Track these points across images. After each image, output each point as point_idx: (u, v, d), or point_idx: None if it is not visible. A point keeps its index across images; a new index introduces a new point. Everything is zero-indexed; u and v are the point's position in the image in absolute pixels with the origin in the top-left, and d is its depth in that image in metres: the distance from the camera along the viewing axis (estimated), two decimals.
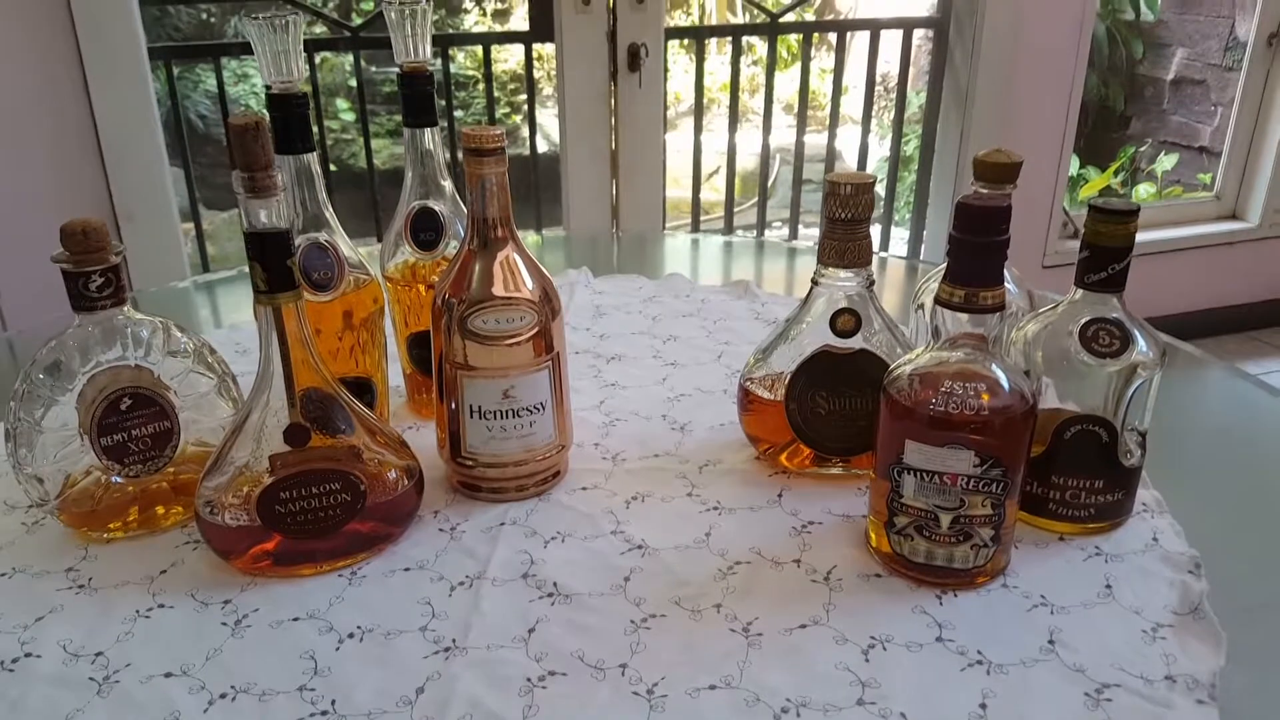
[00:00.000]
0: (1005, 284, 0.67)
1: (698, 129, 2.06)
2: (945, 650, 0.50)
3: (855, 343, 0.63)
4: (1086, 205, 0.56)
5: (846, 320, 0.63)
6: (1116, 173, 2.91)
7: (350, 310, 0.65)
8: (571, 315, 0.94)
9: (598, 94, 1.83)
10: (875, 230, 2.61)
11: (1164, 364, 0.57)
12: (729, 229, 2.26)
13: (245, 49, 2.34)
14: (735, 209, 2.30)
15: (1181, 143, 3.00)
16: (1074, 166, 2.83)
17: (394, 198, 0.71)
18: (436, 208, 0.69)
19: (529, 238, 1.36)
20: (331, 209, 0.64)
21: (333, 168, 3.96)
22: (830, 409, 0.64)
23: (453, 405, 0.62)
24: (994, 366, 0.52)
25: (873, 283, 0.63)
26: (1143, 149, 3.06)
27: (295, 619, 0.54)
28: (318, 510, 0.56)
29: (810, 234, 2.55)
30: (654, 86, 1.87)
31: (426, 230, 0.70)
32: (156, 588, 0.56)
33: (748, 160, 3.20)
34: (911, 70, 2.61)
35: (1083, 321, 0.56)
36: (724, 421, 0.73)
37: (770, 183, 3.64)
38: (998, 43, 2.04)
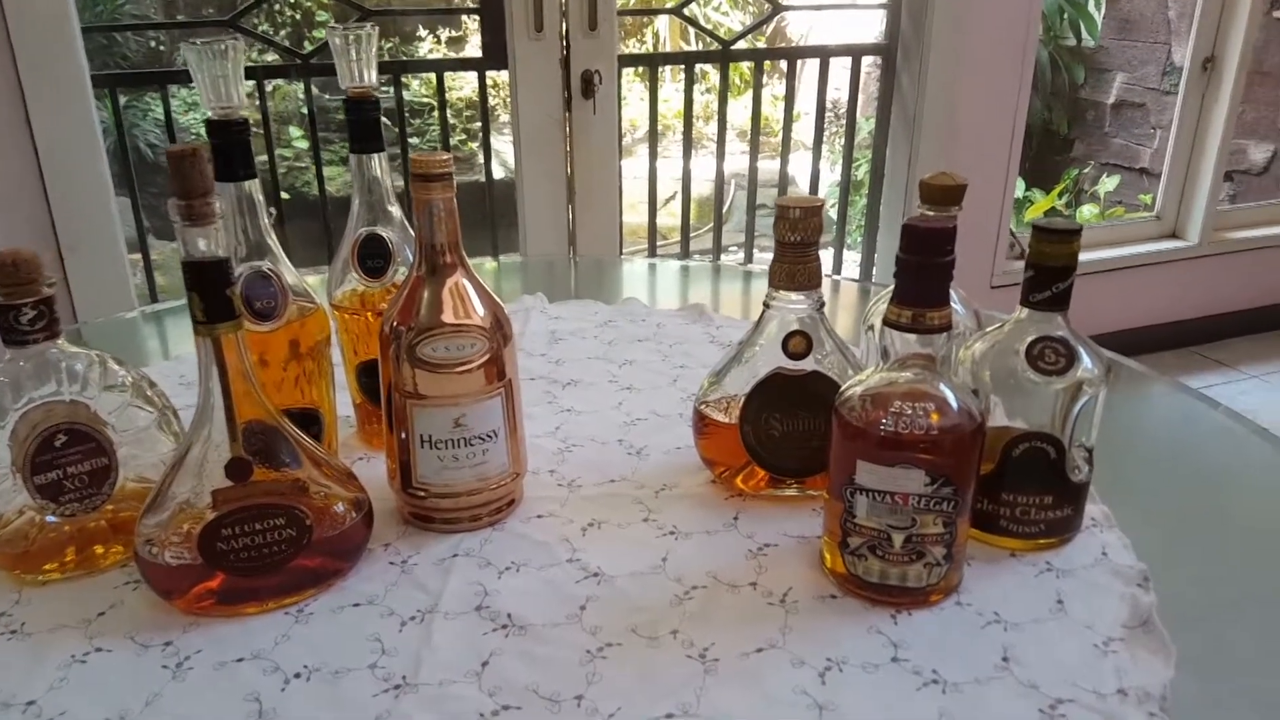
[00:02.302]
0: (952, 304, 0.68)
1: (652, 155, 2.07)
2: (901, 670, 0.50)
3: (807, 364, 0.63)
4: (1030, 226, 0.57)
5: (798, 342, 0.63)
6: (1061, 194, 2.99)
7: (295, 340, 0.64)
8: (527, 341, 0.93)
9: (552, 121, 1.84)
10: (828, 254, 2.64)
11: (1109, 380, 0.58)
12: (685, 254, 2.27)
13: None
14: (692, 234, 2.31)
15: (1123, 164, 3.09)
16: (1020, 189, 2.90)
17: (346, 225, 0.70)
18: (384, 234, 0.69)
19: (486, 264, 1.35)
20: (275, 237, 0.63)
21: (286, 196, 3.92)
22: (784, 430, 0.64)
23: (403, 435, 0.61)
24: (942, 386, 0.53)
25: (823, 304, 0.64)
26: (1086, 171, 3.15)
27: (239, 659, 0.52)
28: (262, 546, 0.54)
29: (766, 258, 2.58)
30: (608, 113, 1.88)
31: (374, 257, 0.69)
32: (94, 630, 0.54)
33: (704, 186, 3.23)
34: (862, 97, 2.66)
35: (1029, 340, 0.57)
36: (680, 445, 0.73)
37: (726, 208, 3.68)
38: (943, 69, 2.09)
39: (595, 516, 0.64)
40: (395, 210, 0.69)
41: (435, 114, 3.91)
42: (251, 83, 1.92)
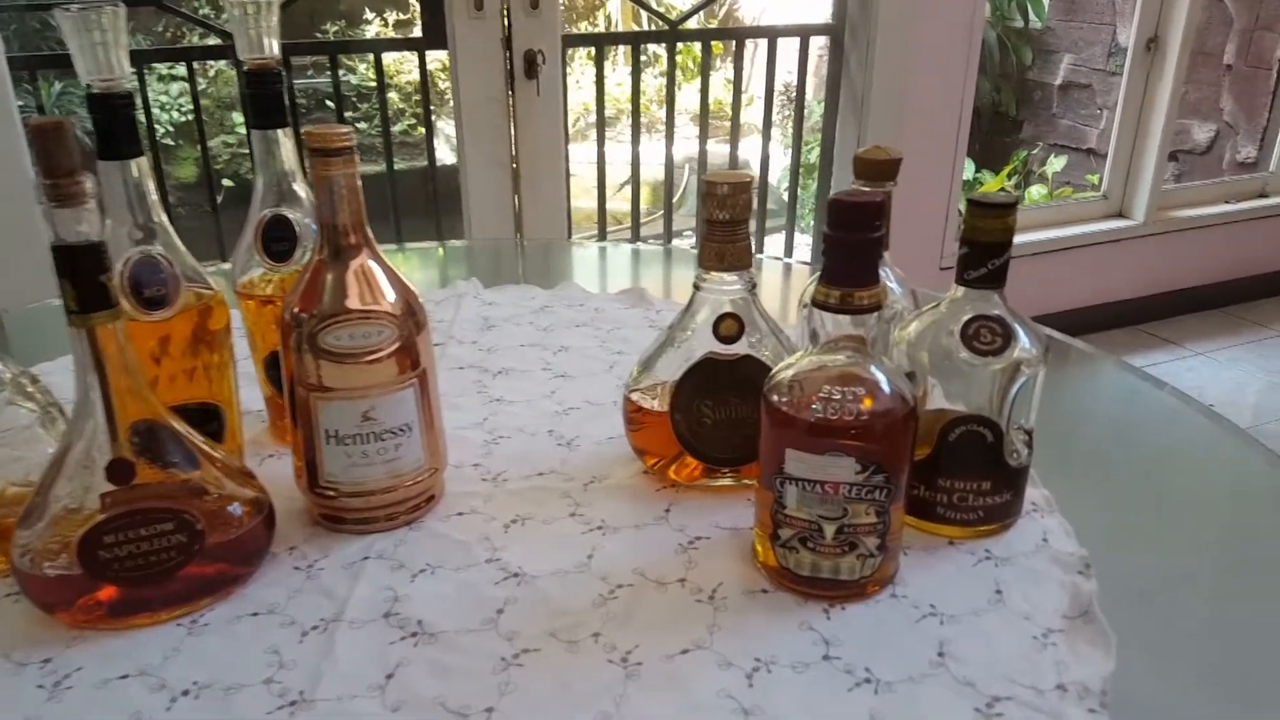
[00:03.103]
0: (889, 284, 0.66)
1: (600, 138, 2.03)
2: (832, 669, 0.47)
3: (739, 348, 0.60)
4: (966, 200, 0.54)
5: (729, 325, 0.60)
6: (1010, 175, 3.00)
7: (191, 330, 0.59)
8: (457, 329, 0.89)
9: (494, 101, 1.79)
10: (779, 237, 2.62)
11: (1047, 360, 0.56)
12: (635, 238, 2.23)
13: (133, 58, 2.22)
14: (646, 219, 2.28)
15: (1070, 145, 3.11)
16: (969, 170, 2.91)
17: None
18: (290, 216, 0.64)
19: (438, 251, 1.30)
20: (166, 219, 0.59)
21: (229, 183, 3.81)
22: (716, 418, 0.61)
23: (307, 431, 0.57)
24: (874, 369, 0.50)
25: (755, 285, 0.61)
26: (1034, 152, 3.17)
27: (124, 676, 0.48)
28: (149, 554, 0.50)
29: None
30: (553, 95, 1.83)
31: (279, 240, 0.64)
32: None
33: (657, 170, 3.20)
34: (815, 80, 2.64)
35: (964, 320, 0.55)
36: (613, 435, 0.70)
37: (680, 193, 3.64)
38: (891, 50, 2.07)
39: (519, 512, 0.61)
40: (302, 190, 0.65)
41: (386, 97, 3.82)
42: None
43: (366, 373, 0.56)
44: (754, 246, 0.60)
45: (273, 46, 0.63)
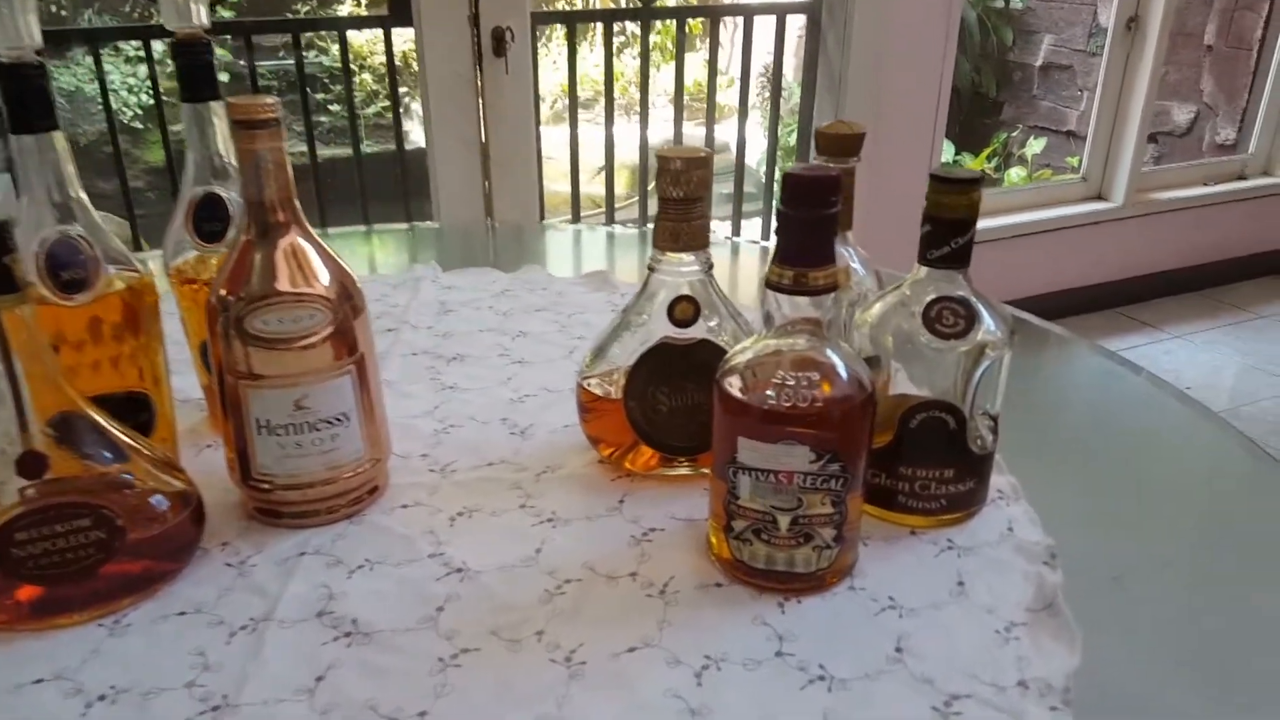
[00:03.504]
0: (852, 264, 0.63)
1: (573, 120, 1.99)
2: (785, 667, 0.45)
3: (696, 332, 0.58)
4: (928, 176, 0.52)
5: (685, 308, 0.58)
6: (990, 158, 2.98)
7: (116, 315, 0.56)
8: (413, 314, 0.86)
9: (462, 80, 1.75)
10: (756, 221, 2.60)
11: (1013, 343, 0.53)
12: (610, 221, 2.20)
13: (91, 36, 2.17)
14: (622, 204, 2.25)
15: (1050, 127, 3.10)
16: (949, 152, 2.89)
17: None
18: (223, 194, 0.61)
19: (405, 234, 1.26)
20: (86, 197, 0.55)
21: None
22: (672, 405, 0.59)
23: (238, 420, 0.54)
24: (830, 353, 0.48)
25: (712, 266, 0.58)
26: (1014, 134, 3.15)
27: (38, 681, 0.45)
28: (65, 551, 0.47)
29: None
30: (523, 73, 1.79)
31: (212, 220, 0.61)
32: None
33: (635, 153, 3.16)
34: (795, 61, 2.60)
35: (926, 301, 0.52)
36: (569, 423, 0.67)
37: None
38: (869, 28, 2.04)
39: (467, 504, 0.58)
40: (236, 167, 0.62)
41: (355, 78, 3.75)
42: (160, 48, 1.79)
43: (298, 359, 0.53)
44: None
45: (201, 14, 0.59)
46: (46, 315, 0.52)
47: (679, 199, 0.55)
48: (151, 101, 3.62)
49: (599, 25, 2.89)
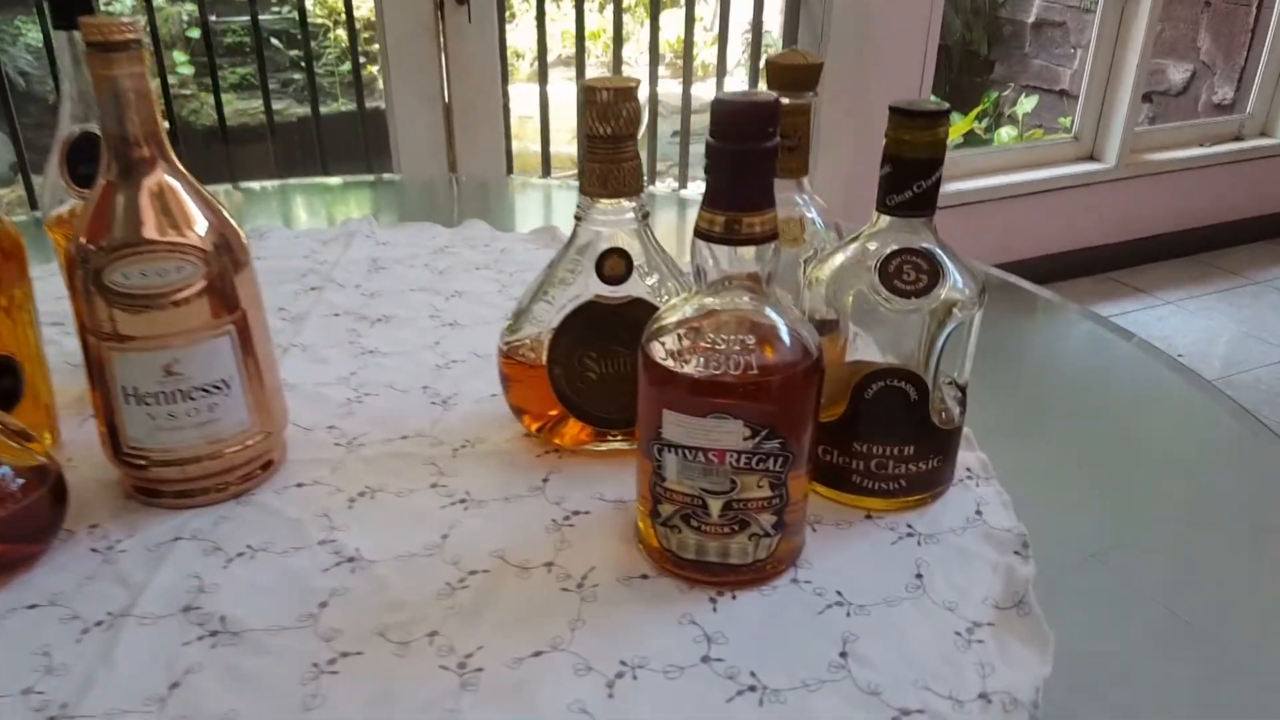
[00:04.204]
0: (807, 214, 0.57)
1: (543, 75, 1.90)
2: (711, 674, 0.39)
3: (628, 290, 0.51)
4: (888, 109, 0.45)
5: (615, 263, 0.51)
6: (979, 117, 2.90)
7: None
8: (340, 272, 0.79)
9: (423, 30, 1.66)
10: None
11: (983, 302, 0.47)
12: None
13: None
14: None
15: (1043, 86, 3.01)
16: None
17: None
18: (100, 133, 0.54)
19: (362, 188, 1.19)
20: None
21: (169, 125, 3.63)
22: (602, 372, 0.52)
23: (104, 388, 0.47)
24: (770, 313, 0.41)
25: (648, 215, 0.51)
26: (1005, 93, 3.07)
27: None
28: None
29: (692, 191, 2.44)
30: (487, 23, 1.70)
31: (87, 162, 0.54)
32: None
33: None
34: (781, 18, 2.50)
35: (884, 254, 0.46)
36: (497, 392, 0.61)
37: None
38: None
39: (371, 483, 0.52)
40: None
41: (332, 35, 3.63)
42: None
43: (167, 318, 0.46)
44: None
45: None
46: None
47: (607, 136, 0.48)
48: None
49: None
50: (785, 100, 0.53)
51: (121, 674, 0.39)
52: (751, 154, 0.38)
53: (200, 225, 0.47)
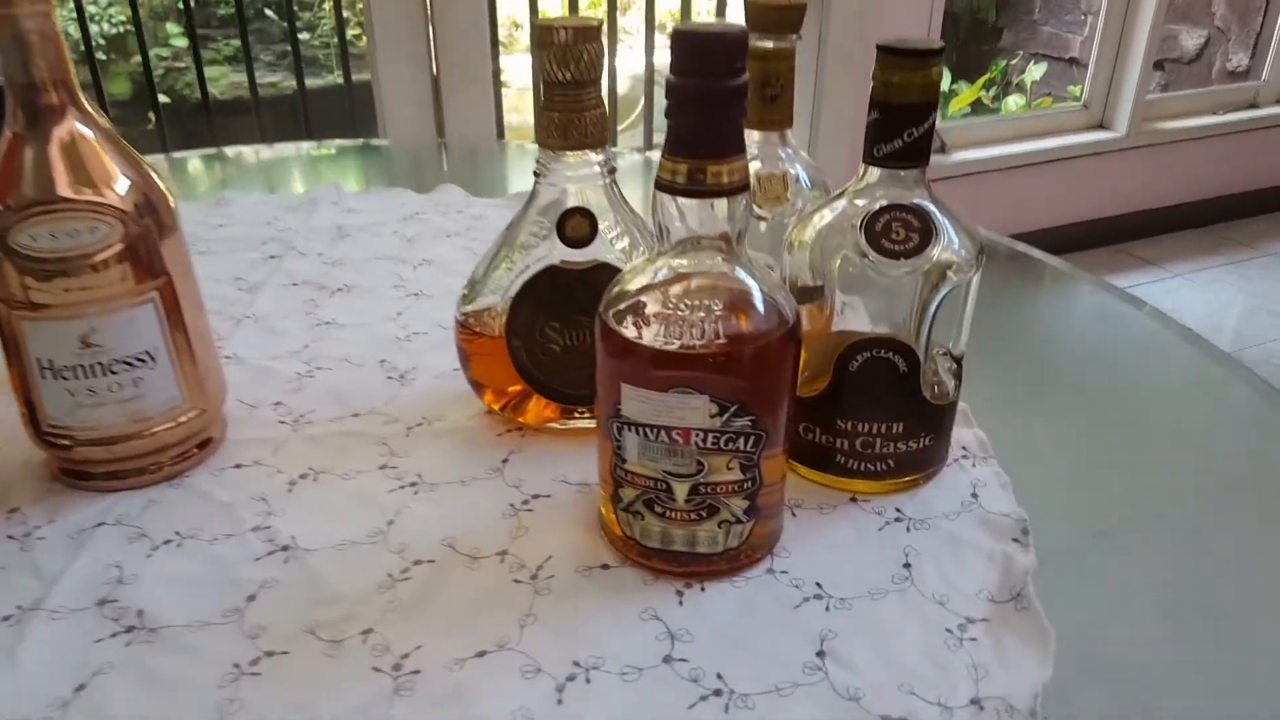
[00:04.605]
0: (791, 169, 0.52)
1: (533, 40, 1.84)
2: (673, 676, 0.35)
3: (593, 254, 0.47)
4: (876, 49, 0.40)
5: (578, 224, 0.47)
6: (987, 86, 2.83)
7: None
8: (301, 239, 0.75)
9: None
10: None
11: (980, 265, 0.43)
12: None
13: None
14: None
15: (1052, 54, 2.94)
16: (945, 81, 2.73)
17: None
18: None
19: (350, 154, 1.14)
20: None
21: (165, 100, 3.57)
22: (566, 344, 0.48)
23: (20, 362, 0.43)
24: (741, 275, 0.37)
25: (614, 170, 0.47)
26: (1014, 62, 2.99)
27: None
28: None
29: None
30: None
31: None
32: None
33: (623, 84, 3.00)
34: None
35: (871, 210, 0.41)
36: (459, 367, 0.57)
37: (635, 114, 3.44)
38: None
39: (315, 464, 0.48)
40: None
41: (325, 4, 3.56)
42: None
43: (81, 284, 0.42)
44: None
45: None
46: None
47: (568, 81, 0.44)
48: (114, 30, 3.44)
49: None
50: (768, 44, 0.49)
51: (23, 675, 0.36)
52: (717, 92, 0.34)
53: (120, 183, 0.43)
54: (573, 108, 0.44)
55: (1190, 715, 0.35)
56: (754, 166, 0.51)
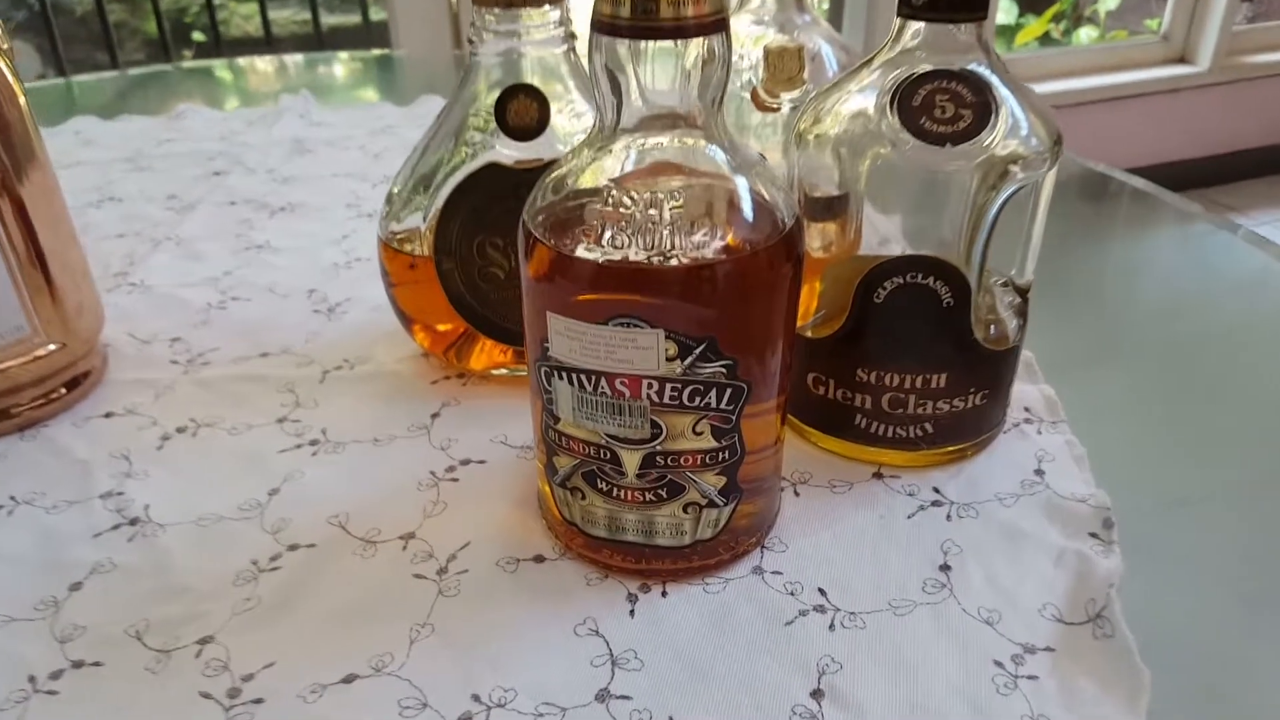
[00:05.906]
0: (809, 43, 0.41)
1: None
2: None
3: (543, 148, 0.36)
4: None
5: (523, 107, 0.36)
6: (1055, 18, 2.61)
7: None
8: (254, 155, 0.65)
9: None
10: None
11: (1057, 160, 0.31)
12: None
13: None
14: None
15: None
16: (1011, 14, 2.53)
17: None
18: None
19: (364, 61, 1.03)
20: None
21: (199, 37, 3.51)
22: (511, 267, 0.38)
23: None
24: (716, 158, 0.26)
25: (574, 37, 0.36)
26: None
27: None
28: None
29: None
30: None
31: None
32: None
33: None
34: None
35: (909, 77, 0.30)
36: None
37: None
38: None
39: (199, 415, 0.39)
40: None
41: None
42: None
43: None
44: None
45: None
46: None
47: None
48: None
49: None
50: None
51: None
52: None
53: None
54: None
55: (1264, 706, 0.25)
56: (761, 34, 0.40)
